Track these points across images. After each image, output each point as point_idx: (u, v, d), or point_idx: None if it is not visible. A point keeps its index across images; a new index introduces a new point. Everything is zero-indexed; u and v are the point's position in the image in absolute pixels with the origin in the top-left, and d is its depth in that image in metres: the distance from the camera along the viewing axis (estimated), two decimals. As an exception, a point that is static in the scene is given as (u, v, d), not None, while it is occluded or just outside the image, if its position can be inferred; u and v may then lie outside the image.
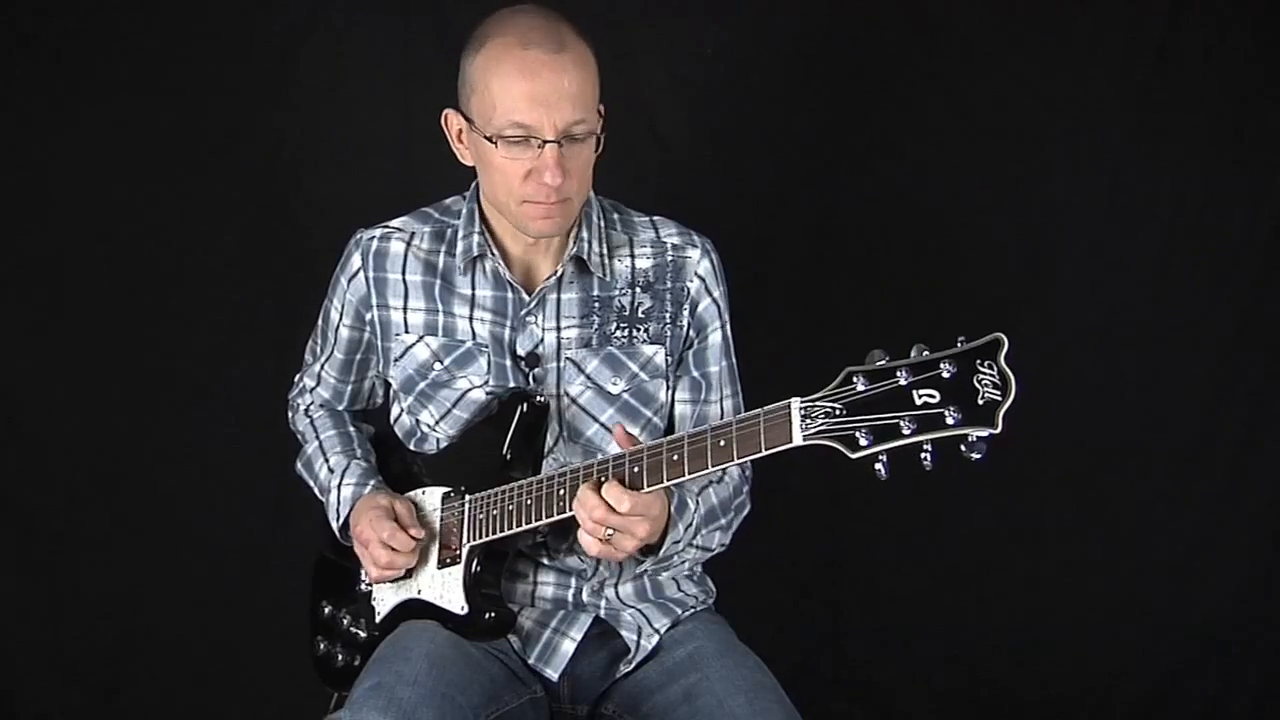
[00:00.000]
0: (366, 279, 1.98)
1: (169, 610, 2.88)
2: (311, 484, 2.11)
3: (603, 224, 1.98)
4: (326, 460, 2.07)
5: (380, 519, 1.90)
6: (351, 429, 2.13)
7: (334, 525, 2.02)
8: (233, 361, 2.84)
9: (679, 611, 2.01)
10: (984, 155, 2.78)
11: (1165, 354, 2.79)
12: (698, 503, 1.90)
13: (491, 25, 1.82)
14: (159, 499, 2.86)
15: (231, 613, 2.86)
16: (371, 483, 2.01)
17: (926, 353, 1.51)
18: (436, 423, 1.99)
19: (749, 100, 2.79)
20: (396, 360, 1.99)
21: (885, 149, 2.81)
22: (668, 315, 1.98)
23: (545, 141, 1.78)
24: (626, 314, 1.97)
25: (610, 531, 1.72)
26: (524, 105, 1.77)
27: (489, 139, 1.81)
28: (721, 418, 2.02)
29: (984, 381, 1.47)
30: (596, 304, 1.96)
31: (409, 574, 1.95)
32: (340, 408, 2.15)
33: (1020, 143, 2.77)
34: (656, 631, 1.97)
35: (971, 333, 2.65)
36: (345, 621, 2.03)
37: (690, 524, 1.87)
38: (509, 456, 1.91)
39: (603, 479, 1.72)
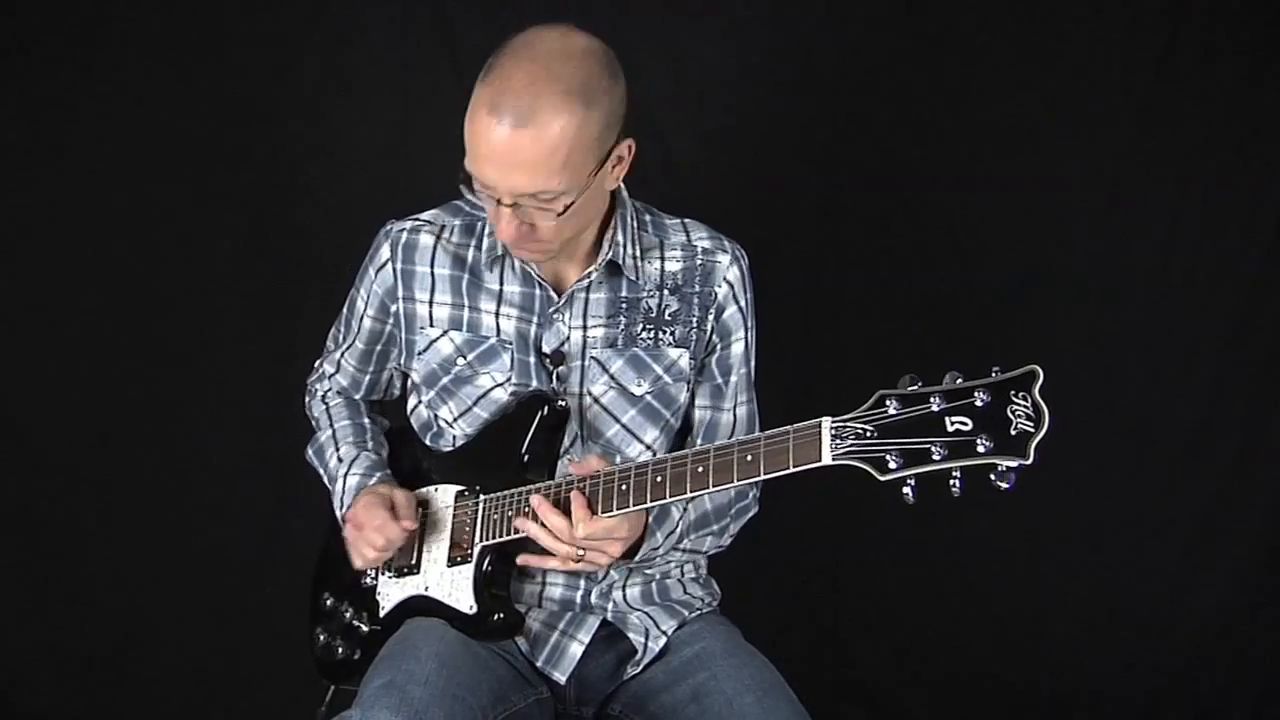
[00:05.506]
0: (394, 271, 1.97)
1: (169, 609, 2.88)
2: (321, 471, 2.10)
3: (635, 225, 1.96)
4: (337, 449, 2.06)
5: (374, 505, 1.89)
6: (366, 420, 2.12)
7: (338, 514, 2.01)
8: (233, 361, 2.84)
9: (685, 613, 2.01)
10: (983, 156, 2.79)
11: (1165, 354, 2.79)
12: (685, 509, 1.91)
13: (496, 58, 1.74)
14: (159, 498, 2.86)
15: (231, 611, 2.86)
16: (378, 475, 2.00)
17: (960, 380, 1.52)
18: (455, 419, 1.98)
19: (751, 103, 2.79)
20: (420, 354, 1.98)
21: (887, 153, 2.81)
22: (694, 319, 1.96)
23: (501, 201, 1.75)
24: (653, 316, 1.95)
25: (582, 552, 1.75)
26: (482, 166, 1.73)
27: (465, 171, 1.78)
28: (733, 425, 2.01)
29: (1017, 412, 1.49)
30: (624, 304, 1.94)
31: (416, 569, 1.94)
32: (357, 397, 2.14)
33: (1021, 144, 2.77)
34: (664, 634, 1.96)
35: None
36: (347, 614, 2.02)
37: (673, 530, 1.88)
38: (526, 458, 1.90)
39: (567, 497, 1.75)
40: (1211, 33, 2.70)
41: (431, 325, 1.97)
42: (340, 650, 2.01)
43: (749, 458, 1.64)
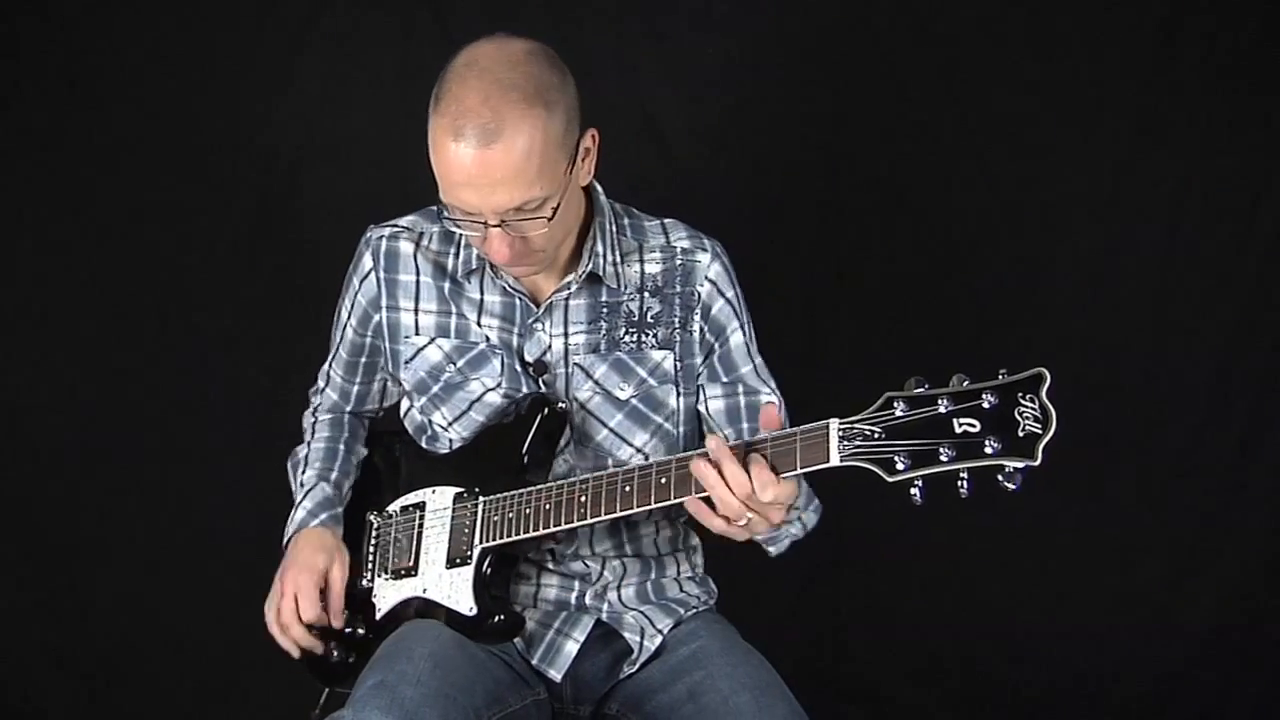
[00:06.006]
0: (378, 279, 1.96)
1: (168, 609, 2.88)
2: (291, 487, 2.11)
3: (614, 229, 1.95)
4: (303, 472, 2.07)
5: (309, 584, 1.91)
6: (341, 446, 2.11)
7: (284, 539, 2.02)
8: (232, 361, 2.85)
9: (681, 612, 2.01)
10: (983, 154, 2.78)
11: (1165, 354, 2.79)
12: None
13: (442, 86, 1.73)
14: (159, 498, 2.87)
15: (230, 611, 2.85)
16: (321, 516, 2.00)
17: (967, 382, 1.53)
18: (449, 424, 1.97)
19: (750, 102, 2.79)
20: (407, 362, 1.97)
21: (885, 150, 2.81)
22: (677, 320, 1.95)
23: (488, 224, 1.74)
24: (635, 319, 1.94)
25: (750, 516, 1.66)
26: (460, 193, 1.72)
27: (442, 204, 1.78)
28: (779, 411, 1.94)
29: (1025, 414, 1.50)
30: (605, 309, 1.93)
31: (414, 571, 1.93)
32: (348, 409, 2.13)
33: (1020, 143, 2.77)
34: (660, 632, 1.96)
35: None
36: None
37: (798, 505, 1.87)
38: (526, 460, 1.89)
39: (749, 457, 1.65)
40: (1212, 32, 2.69)
41: (417, 333, 1.96)
42: (335, 653, 2.00)
43: (756, 458, 1.64)
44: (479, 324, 1.94)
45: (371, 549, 2.01)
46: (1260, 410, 2.78)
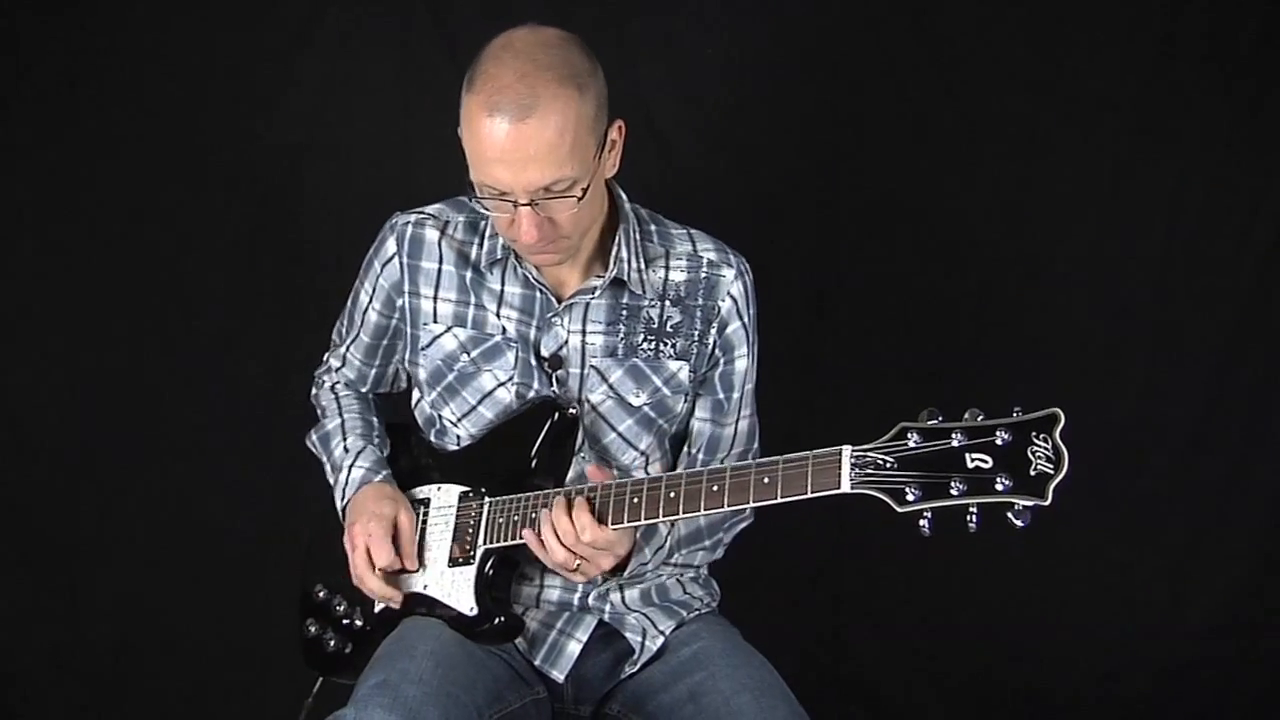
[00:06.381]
0: (401, 264, 1.96)
1: (168, 609, 2.88)
2: (324, 459, 2.10)
3: (639, 236, 1.96)
4: (344, 439, 2.06)
5: (380, 538, 1.88)
6: (374, 418, 2.12)
7: (338, 504, 2.01)
8: (232, 361, 2.84)
9: (684, 614, 2.02)
10: (982, 154, 2.78)
11: (1165, 354, 2.79)
12: (673, 526, 1.92)
13: (477, 67, 1.75)
14: (159, 498, 2.86)
15: (230, 611, 2.86)
16: (383, 473, 2.00)
17: (981, 417, 1.54)
18: (459, 420, 1.98)
19: (750, 102, 2.79)
20: (424, 349, 1.98)
21: (885, 150, 2.80)
22: (696, 333, 1.96)
23: (519, 203, 1.75)
24: (655, 327, 1.95)
25: (580, 561, 1.76)
26: (493, 170, 1.73)
27: (472, 186, 1.79)
28: (734, 438, 2.02)
29: (1038, 454, 1.52)
30: (624, 312, 1.94)
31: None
32: (364, 390, 2.14)
33: (1020, 143, 2.77)
34: (661, 633, 1.97)
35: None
36: (340, 608, 2.02)
37: (661, 546, 1.90)
38: (534, 464, 1.90)
39: (572, 502, 1.76)
40: (1212, 32, 2.69)
41: (435, 321, 1.97)
42: (331, 643, 2.01)
43: (766, 480, 1.66)
44: (497, 315, 1.95)
45: (373, 541, 2.00)
46: (1260, 410, 2.78)
